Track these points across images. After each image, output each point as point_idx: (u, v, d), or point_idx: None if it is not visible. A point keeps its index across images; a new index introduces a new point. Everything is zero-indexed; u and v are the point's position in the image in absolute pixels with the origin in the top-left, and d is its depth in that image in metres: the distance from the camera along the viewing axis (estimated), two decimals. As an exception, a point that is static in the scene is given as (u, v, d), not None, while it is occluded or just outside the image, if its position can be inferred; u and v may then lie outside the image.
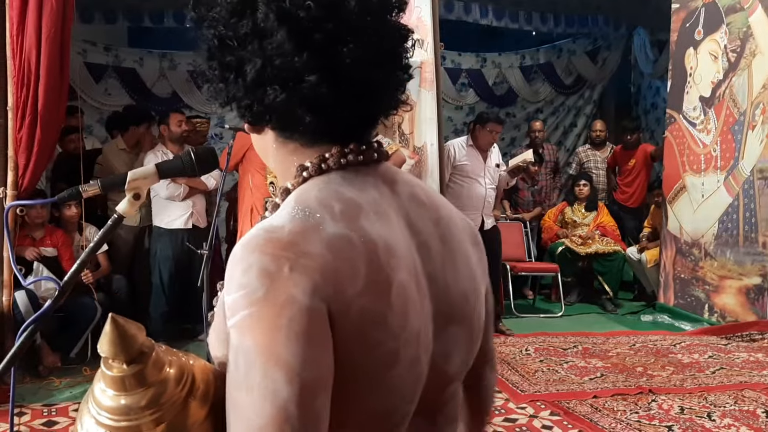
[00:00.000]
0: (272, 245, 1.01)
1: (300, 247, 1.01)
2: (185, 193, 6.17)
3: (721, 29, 7.16)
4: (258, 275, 0.98)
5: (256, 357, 0.96)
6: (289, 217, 1.06)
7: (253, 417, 0.95)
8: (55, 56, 5.01)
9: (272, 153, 1.22)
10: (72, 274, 1.49)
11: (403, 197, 1.19)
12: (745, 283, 6.81)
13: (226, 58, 1.14)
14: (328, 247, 1.02)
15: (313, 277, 0.99)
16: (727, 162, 7.03)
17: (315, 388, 0.96)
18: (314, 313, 0.98)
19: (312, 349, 0.97)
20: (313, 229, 1.04)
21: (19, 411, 4.69)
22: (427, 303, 1.13)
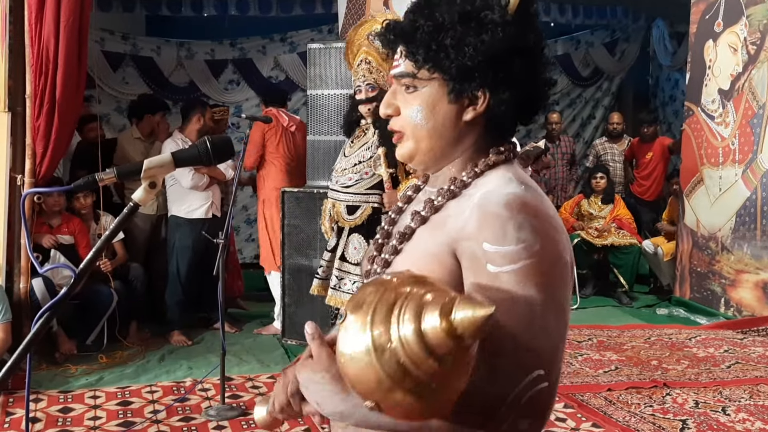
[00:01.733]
0: (529, 208, 1.26)
1: (547, 211, 1.29)
2: (207, 182, 6.18)
3: (740, 21, 7.10)
4: (531, 232, 1.23)
5: (536, 298, 1.22)
6: (520, 188, 1.30)
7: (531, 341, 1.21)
8: (73, 45, 5.03)
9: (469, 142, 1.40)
10: (88, 262, 1.50)
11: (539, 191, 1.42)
12: (762, 278, 6.77)
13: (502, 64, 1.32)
14: (552, 210, 1.30)
15: (561, 236, 1.28)
16: (746, 155, 6.98)
17: (568, 326, 1.31)
18: (570, 266, 1.29)
19: (569, 294, 1.31)
20: (542, 199, 1.31)
21: (36, 397, 4.73)
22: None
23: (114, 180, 1.55)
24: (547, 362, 1.22)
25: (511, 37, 1.30)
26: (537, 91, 1.38)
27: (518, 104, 1.35)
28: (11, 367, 1.45)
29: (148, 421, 4.44)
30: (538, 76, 1.37)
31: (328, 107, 5.84)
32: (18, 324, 5.04)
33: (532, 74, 1.35)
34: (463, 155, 1.39)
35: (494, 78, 1.32)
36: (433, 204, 1.38)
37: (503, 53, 1.30)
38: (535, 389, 1.20)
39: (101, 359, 5.51)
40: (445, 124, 1.36)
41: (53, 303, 1.46)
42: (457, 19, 1.31)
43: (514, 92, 1.33)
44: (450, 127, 1.36)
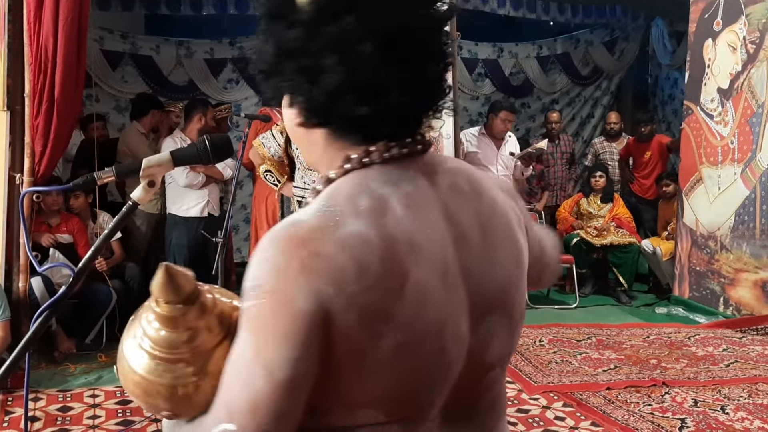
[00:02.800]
0: (289, 242, 1.08)
1: (313, 246, 1.07)
2: (203, 181, 6.18)
3: (740, 20, 7.10)
4: (269, 271, 1.07)
5: (246, 347, 1.08)
6: (313, 213, 1.13)
7: (230, 395, 1.09)
8: (72, 43, 5.03)
9: (320, 147, 1.24)
10: (86, 261, 1.50)
11: (442, 188, 1.21)
12: (761, 276, 6.77)
13: (303, 61, 1.15)
14: (341, 245, 1.08)
15: (316, 279, 1.06)
16: (745, 154, 6.98)
17: (287, 388, 1.06)
18: (308, 317, 1.05)
19: (295, 351, 1.05)
20: (332, 228, 1.09)
21: (35, 396, 4.73)
22: (458, 295, 1.17)
23: (113, 179, 1.55)
24: (240, 420, 1.06)
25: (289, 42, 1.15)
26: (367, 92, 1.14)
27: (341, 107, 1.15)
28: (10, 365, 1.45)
29: (147, 420, 4.44)
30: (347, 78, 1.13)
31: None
32: (17, 323, 5.04)
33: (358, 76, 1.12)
34: (323, 160, 1.25)
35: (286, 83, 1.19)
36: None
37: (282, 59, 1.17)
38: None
39: (100, 358, 5.50)
40: (291, 129, 1.27)
41: (52, 302, 1.46)
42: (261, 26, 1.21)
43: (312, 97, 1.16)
44: (295, 131, 1.26)
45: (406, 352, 1.10)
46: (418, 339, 1.11)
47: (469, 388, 1.23)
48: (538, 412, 4.58)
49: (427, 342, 1.12)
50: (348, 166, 1.19)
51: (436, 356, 1.14)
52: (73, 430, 4.29)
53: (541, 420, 4.46)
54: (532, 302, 7.55)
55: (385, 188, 1.16)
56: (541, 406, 4.69)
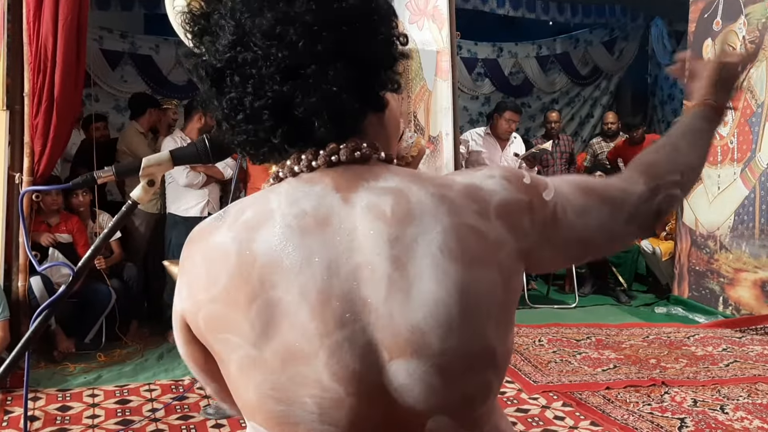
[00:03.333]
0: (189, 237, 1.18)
1: (191, 249, 1.16)
2: (203, 181, 6.18)
3: (739, 20, 7.11)
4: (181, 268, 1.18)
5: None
6: (209, 218, 1.19)
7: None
8: (72, 43, 5.03)
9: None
10: (86, 260, 1.50)
11: (356, 209, 1.11)
12: (760, 276, 6.77)
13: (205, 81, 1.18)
14: (204, 253, 1.13)
15: (182, 279, 1.16)
16: (744, 154, 6.99)
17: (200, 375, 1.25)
18: (177, 315, 1.18)
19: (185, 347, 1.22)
20: (207, 233, 1.15)
21: (34, 396, 4.73)
22: (347, 329, 1.06)
23: (112, 178, 1.55)
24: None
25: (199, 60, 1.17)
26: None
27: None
28: (9, 365, 1.45)
29: (146, 419, 4.44)
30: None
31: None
32: (16, 322, 5.03)
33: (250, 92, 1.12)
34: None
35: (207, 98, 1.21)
36: None
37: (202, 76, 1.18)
38: None
39: (100, 358, 5.50)
40: None
41: (52, 301, 1.46)
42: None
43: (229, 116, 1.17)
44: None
45: (257, 369, 1.07)
46: (273, 360, 1.06)
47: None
48: (538, 412, 4.58)
49: (287, 366, 1.06)
50: (271, 180, 1.20)
51: (306, 386, 1.06)
52: (72, 429, 4.29)
53: (540, 419, 4.46)
54: (531, 302, 7.55)
55: (279, 203, 1.12)
56: (540, 405, 4.69)
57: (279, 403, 1.09)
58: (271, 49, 1.10)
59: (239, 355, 1.08)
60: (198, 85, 1.18)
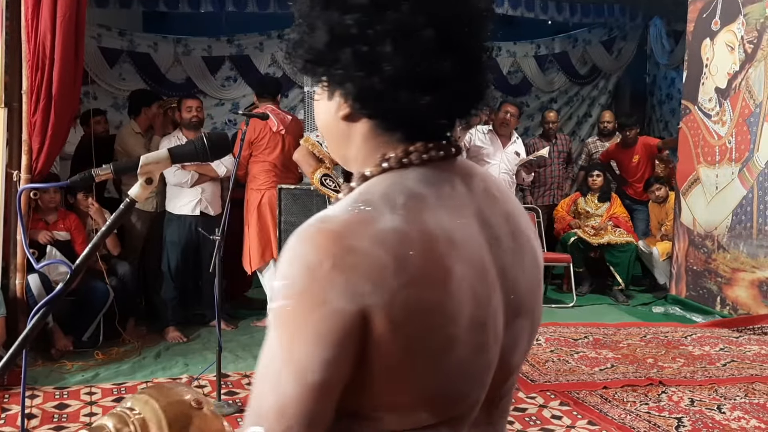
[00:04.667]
0: (321, 237, 1.04)
1: (347, 241, 1.03)
2: (194, 180, 6.18)
3: (738, 20, 7.11)
4: (300, 269, 1.03)
5: (276, 348, 1.04)
6: (345, 209, 1.08)
7: (259, 399, 1.06)
8: (70, 40, 5.02)
9: (358, 143, 1.20)
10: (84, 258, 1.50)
11: (477, 192, 1.20)
12: (757, 276, 6.78)
13: (361, 48, 1.10)
14: (377, 241, 1.04)
15: (350, 277, 1.01)
16: (742, 154, 6.99)
17: (318, 392, 1.03)
18: (343, 316, 1.01)
19: (328, 353, 1.02)
20: (366, 223, 1.05)
21: (31, 393, 4.72)
22: (497, 295, 1.15)
23: (110, 176, 1.55)
24: (268, 423, 1.04)
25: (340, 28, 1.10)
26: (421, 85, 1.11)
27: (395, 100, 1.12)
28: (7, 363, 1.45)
29: (143, 417, 4.44)
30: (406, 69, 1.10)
31: (326, 104, 5.82)
32: (13, 320, 5.03)
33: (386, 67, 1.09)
34: (359, 156, 1.21)
35: (331, 74, 1.15)
36: None
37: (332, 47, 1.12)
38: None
39: (97, 356, 5.50)
40: (328, 122, 1.23)
41: (49, 299, 1.46)
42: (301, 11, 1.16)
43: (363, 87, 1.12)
44: (332, 125, 1.22)
45: (454, 348, 1.07)
46: (464, 335, 1.08)
47: (493, 391, 1.21)
48: (535, 411, 4.59)
49: (472, 339, 1.09)
50: (386, 165, 1.16)
51: (480, 354, 1.12)
52: (69, 427, 4.29)
53: (537, 419, 4.46)
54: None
55: (422, 188, 1.13)
56: (538, 404, 4.70)
57: (462, 381, 1.12)
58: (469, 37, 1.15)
59: (438, 337, 1.06)
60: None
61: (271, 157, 6.28)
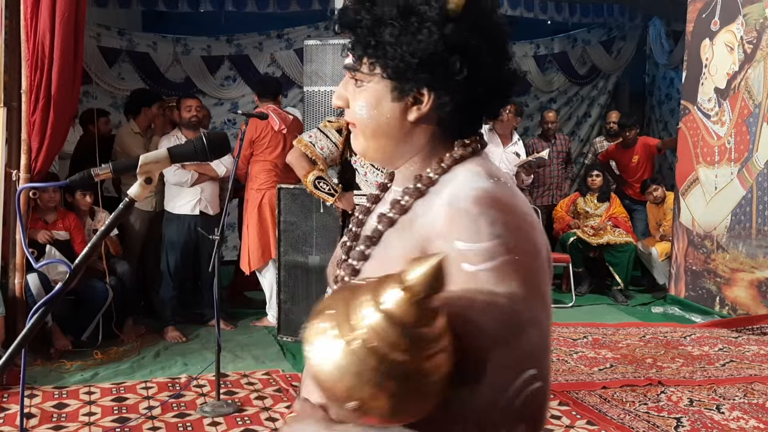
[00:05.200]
0: (500, 204, 1.19)
1: (520, 207, 1.22)
2: (193, 179, 6.18)
3: (737, 20, 7.11)
4: (504, 228, 1.16)
5: (521, 296, 1.14)
6: (489, 183, 1.23)
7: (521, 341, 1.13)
8: (69, 40, 5.02)
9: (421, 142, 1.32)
10: (83, 257, 1.50)
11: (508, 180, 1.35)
12: (757, 276, 6.78)
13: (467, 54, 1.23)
14: (526, 206, 1.24)
15: (538, 232, 1.22)
16: (741, 154, 6.99)
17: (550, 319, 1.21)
18: (548, 262, 1.23)
19: (548, 289, 1.22)
20: (513, 194, 1.25)
21: (30, 393, 4.72)
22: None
23: (110, 175, 1.55)
24: (539, 360, 1.14)
25: (450, 36, 1.21)
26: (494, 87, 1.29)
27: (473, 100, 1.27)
28: (6, 362, 1.45)
29: (142, 417, 4.44)
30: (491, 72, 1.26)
31: (325, 104, 5.84)
32: (13, 320, 5.03)
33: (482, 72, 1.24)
34: (421, 153, 1.32)
35: (434, 78, 1.24)
36: (399, 204, 1.30)
37: (441, 53, 1.22)
38: (528, 390, 1.11)
39: (96, 355, 5.50)
40: (390, 123, 1.29)
41: (48, 298, 1.46)
42: (395, 13, 1.23)
43: (459, 91, 1.25)
44: (396, 126, 1.29)
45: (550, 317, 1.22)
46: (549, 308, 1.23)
47: None
48: (534, 411, 4.58)
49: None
50: (457, 156, 1.30)
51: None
52: (68, 427, 4.29)
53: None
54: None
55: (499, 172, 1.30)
56: (536, 404, 4.69)
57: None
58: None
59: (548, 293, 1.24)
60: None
61: (272, 157, 6.28)
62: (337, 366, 1.06)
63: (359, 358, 1.05)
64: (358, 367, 1.05)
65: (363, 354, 1.05)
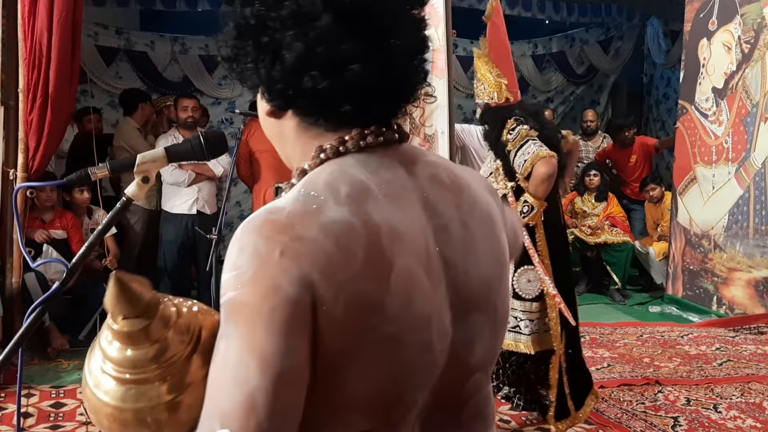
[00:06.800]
0: (269, 227, 1.02)
1: (296, 230, 1.01)
2: (190, 179, 6.18)
3: (735, 20, 7.12)
4: (250, 257, 1.00)
5: (234, 340, 0.97)
6: (292, 200, 1.07)
7: (222, 398, 0.97)
8: (67, 39, 5.01)
9: (292, 139, 1.20)
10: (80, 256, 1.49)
11: (421, 179, 1.17)
12: (754, 276, 6.79)
13: (262, 39, 1.11)
14: (325, 231, 1.02)
15: (301, 264, 0.99)
16: (739, 154, 7.00)
17: (286, 380, 0.97)
18: (297, 303, 0.98)
19: (289, 339, 0.97)
20: (313, 213, 1.04)
21: (28, 392, 4.72)
22: (441, 288, 1.11)
23: (107, 175, 1.55)
24: (237, 422, 0.94)
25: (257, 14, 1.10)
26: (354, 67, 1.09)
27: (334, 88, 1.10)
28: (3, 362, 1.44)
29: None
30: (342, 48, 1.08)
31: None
32: (10, 319, 5.02)
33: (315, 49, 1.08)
34: (296, 152, 1.21)
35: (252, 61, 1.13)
36: None
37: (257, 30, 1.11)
38: None
39: (93, 354, 5.49)
40: (264, 122, 1.23)
41: (45, 297, 1.46)
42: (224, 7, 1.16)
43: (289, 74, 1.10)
44: (266, 125, 1.23)
45: (395, 346, 1.04)
46: (407, 332, 1.05)
47: (451, 393, 1.18)
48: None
49: (414, 336, 1.06)
50: (323, 156, 1.15)
51: (423, 352, 1.08)
52: (66, 426, 4.29)
53: (534, 417, 4.46)
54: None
55: (364, 175, 1.11)
56: (534, 404, 4.69)
57: (405, 381, 1.08)
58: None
59: (378, 335, 1.03)
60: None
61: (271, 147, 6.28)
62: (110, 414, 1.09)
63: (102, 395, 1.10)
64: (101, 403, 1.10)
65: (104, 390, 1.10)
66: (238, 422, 0.94)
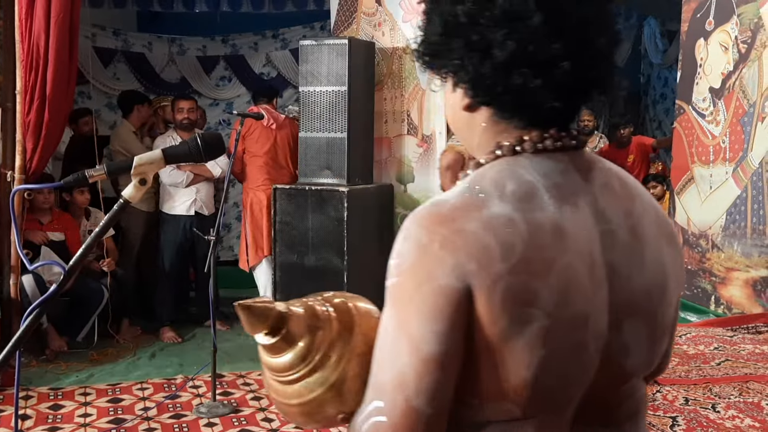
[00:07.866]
0: (431, 219, 1.08)
1: (456, 223, 1.07)
2: (189, 180, 6.18)
3: (732, 20, 7.12)
4: (411, 247, 1.08)
5: (391, 322, 1.08)
6: (458, 193, 1.12)
7: (378, 371, 1.10)
8: (64, 40, 5.01)
9: (480, 131, 1.23)
10: (78, 258, 1.50)
11: (594, 185, 1.19)
12: (752, 275, 6.79)
13: (473, 36, 1.13)
14: (485, 225, 1.07)
15: (458, 256, 1.05)
16: (736, 154, 7.00)
17: (435, 363, 1.04)
18: (450, 293, 1.04)
19: (438, 326, 1.04)
20: (475, 207, 1.09)
21: (26, 394, 4.72)
22: (602, 291, 1.14)
23: (104, 177, 1.55)
24: (389, 396, 1.06)
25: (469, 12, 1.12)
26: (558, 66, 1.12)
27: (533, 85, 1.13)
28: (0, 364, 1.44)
29: (138, 418, 4.44)
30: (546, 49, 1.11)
31: (320, 104, 5.84)
32: (7, 321, 5.02)
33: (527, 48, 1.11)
34: (480, 144, 1.23)
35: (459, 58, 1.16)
36: None
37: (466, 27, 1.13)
38: (369, 422, 1.09)
39: (92, 356, 5.49)
40: (454, 114, 1.25)
41: (43, 299, 1.46)
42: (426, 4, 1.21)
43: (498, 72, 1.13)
44: (457, 116, 1.25)
45: (549, 340, 1.07)
46: (562, 328, 1.08)
47: (605, 393, 1.20)
48: (530, 411, 4.59)
49: (570, 333, 1.09)
50: (499, 152, 1.18)
51: (577, 350, 1.11)
52: (64, 428, 4.28)
53: (532, 418, 4.47)
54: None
55: (533, 176, 1.14)
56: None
57: (557, 376, 1.10)
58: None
59: (533, 327, 1.06)
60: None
61: (263, 151, 6.27)
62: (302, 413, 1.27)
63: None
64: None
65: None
66: (389, 395, 1.06)
